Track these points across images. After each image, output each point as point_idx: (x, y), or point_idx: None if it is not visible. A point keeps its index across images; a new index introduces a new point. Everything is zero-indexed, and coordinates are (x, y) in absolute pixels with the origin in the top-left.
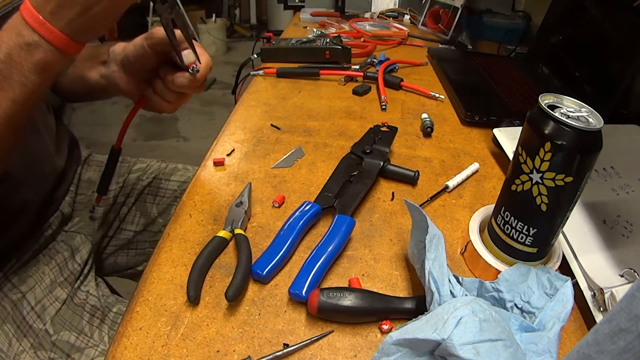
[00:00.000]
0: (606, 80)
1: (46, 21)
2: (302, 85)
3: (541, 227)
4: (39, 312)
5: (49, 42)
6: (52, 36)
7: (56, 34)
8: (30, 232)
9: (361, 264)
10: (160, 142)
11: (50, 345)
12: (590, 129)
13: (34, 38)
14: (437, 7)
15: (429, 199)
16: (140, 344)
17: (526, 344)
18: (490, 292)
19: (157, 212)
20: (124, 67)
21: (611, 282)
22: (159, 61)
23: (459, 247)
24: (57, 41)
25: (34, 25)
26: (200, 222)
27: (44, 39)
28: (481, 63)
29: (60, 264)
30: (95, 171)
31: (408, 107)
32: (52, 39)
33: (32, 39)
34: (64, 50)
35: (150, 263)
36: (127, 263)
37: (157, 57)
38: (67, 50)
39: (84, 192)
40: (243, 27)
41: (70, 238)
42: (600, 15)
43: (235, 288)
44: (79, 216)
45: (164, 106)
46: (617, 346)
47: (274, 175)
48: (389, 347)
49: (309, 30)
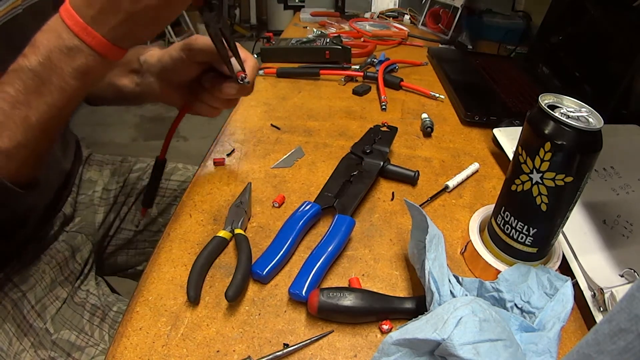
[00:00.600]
0: (606, 80)
1: (88, 25)
2: (302, 85)
3: (541, 227)
4: (40, 311)
5: (90, 47)
6: (95, 41)
7: (98, 40)
8: (34, 235)
9: (361, 264)
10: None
11: (50, 344)
12: (590, 129)
13: (74, 42)
14: (437, 7)
15: (429, 199)
16: (140, 344)
17: (526, 344)
18: (490, 292)
19: (157, 211)
20: (161, 78)
21: (611, 282)
22: (201, 70)
23: (459, 247)
24: (99, 47)
25: (75, 29)
26: (200, 222)
27: (85, 44)
28: (481, 63)
29: (60, 263)
30: (95, 171)
31: (408, 107)
32: (94, 44)
33: (72, 43)
34: (106, 55)
35: (150, 263)
36: (127, 263)
37: (199, 66)
38: (110, 56)
39: (85, 192)
40: (243, 27)
41: (71, 238)
42: (600, 15)
43: (235, 288)
44: (80, 216)
45: (209, 112)
46: (617, 346)
47: (274, 175)
48: (389, 347)
49: (309, 30)
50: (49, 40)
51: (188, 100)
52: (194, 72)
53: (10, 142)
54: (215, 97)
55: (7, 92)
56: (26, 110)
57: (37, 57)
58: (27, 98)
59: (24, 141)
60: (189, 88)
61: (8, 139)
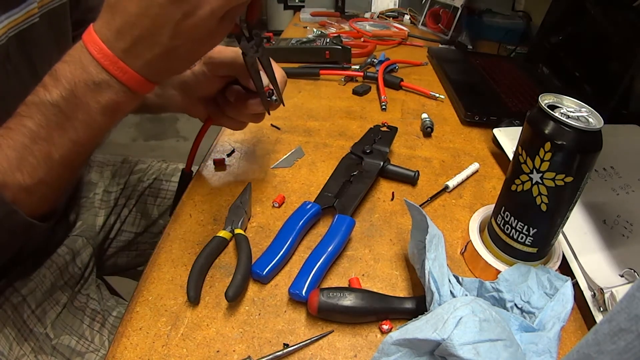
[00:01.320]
0: (606, 80)
1: (120, 60)
2: (302, 85)
3: (541, 227)
4: (40, 315)
5: (121, 82)
6: (126, 77)
7: (131, 75)
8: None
9: (361, 264)
10: (160, 142)
11: (50, 349)
12: (590, 129)
13: (103, 77)
14: (437, 7)
15: (429, 199)
16: (140, 344)
17: (526, 344)
18: (490, 292)
19: (158, 213)
20: (184, 91)
21: (611, 282)
22: (224, 83)
23: (459, 247)
24: (131, 82)
25: (105, 63)
26: (200, 222)
27: (115, 79)
28: (481, 63)
29: (61, 267)
30: (96, 173)
31: (408, 107)
32: (126, 79)
33: (100, 77)
34: (137, 91)
35: (150, 263)
36: (128, 264)
37: (222, 80)
38: (141, 91)
39: (85, 194)
40: None
41: (72, 241)
42: (600, 15)
43: (235, 288)
44: (81, 220)
45: (235, 125)
46: (617, 346)
47: (274, 175)
48: (389, 347)
49: (309, 30)
50: (72, 74)
51: (212, 113)
52: (217, 86)
53: (31, 179)
54: (240, 112)
55: (27, 126)
56: (48, 147)
57: (59, 91)
58: (50, 134)
59: (46, 178)
60: (213, 100)
61: (29, 176)
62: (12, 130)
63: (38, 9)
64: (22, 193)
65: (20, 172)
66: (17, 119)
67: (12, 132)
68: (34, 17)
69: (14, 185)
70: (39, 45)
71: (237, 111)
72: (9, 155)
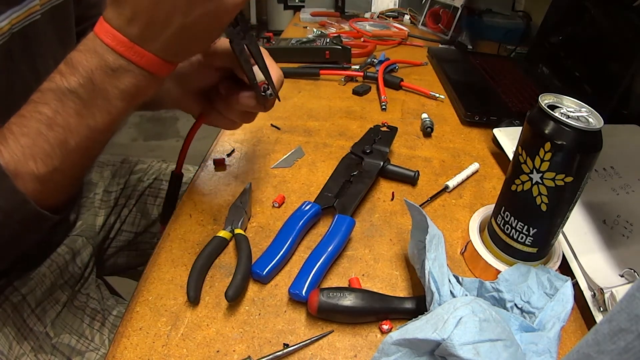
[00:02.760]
0: (606, 80)
1: (136, 44)
2: (302, 85)
3: (541, 227)
4: (40, 314)
5: (139, 66)
6: (144, 60)
7: (148, 58)
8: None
9: (361, 264)
10: (160, 142)
11: (50, 348)
12: (590, 129)
13: (120, 63)
14: (437, 7)
15: (429, 199)
16: (140, 344)
17: (526, 344)
18: (490, 292)
19: (158, 213)
20: (179, 83)
21: (611, 282)
22: (220, 76)
23: (459, 247)
24: (149, 65)
25: (121, 49)
26: (200, 222)
27: (133, 64)
28: (481, 63)
29: (61, 267)
30: (96, 172)
31: (408, 107)
32: (144, 63)
33: (118, 63)
34: (156, 73)
35: (150, 263)
36: (128, 264)
37: (217, 72)
38: (161, 73)
39: (85, 194)
40: None
41: (72, 241)
42: (600, 15)
43: (235, 288)
44: (81, 219)
45: (226, 124)
46: (617, 346)
47: (274, 175)
48: (389, 347)
49: (309, 30)
50: (89, 62)
51: (205, 109)
52: (213, 78)
53: (45, 167)
54: (231, 108)
55: (43, 112)
56: (64, 133)
57: (76, 79)
58: (66, 120)
59: (61, 166)
60: (207, 96)
61: (43, 163)
62: (26, 118)
63: (40, 6)
64: (35, 183)
65: (34, 160)
66: (31, 106)
67: (26, 119)
68: (36, 14)
69: (27, 174)
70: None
71: (228, 106)
72: (23, 144)
